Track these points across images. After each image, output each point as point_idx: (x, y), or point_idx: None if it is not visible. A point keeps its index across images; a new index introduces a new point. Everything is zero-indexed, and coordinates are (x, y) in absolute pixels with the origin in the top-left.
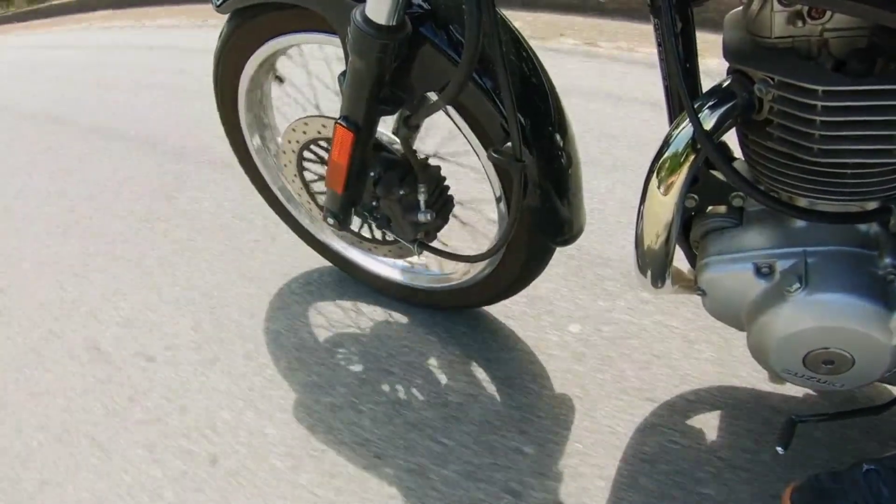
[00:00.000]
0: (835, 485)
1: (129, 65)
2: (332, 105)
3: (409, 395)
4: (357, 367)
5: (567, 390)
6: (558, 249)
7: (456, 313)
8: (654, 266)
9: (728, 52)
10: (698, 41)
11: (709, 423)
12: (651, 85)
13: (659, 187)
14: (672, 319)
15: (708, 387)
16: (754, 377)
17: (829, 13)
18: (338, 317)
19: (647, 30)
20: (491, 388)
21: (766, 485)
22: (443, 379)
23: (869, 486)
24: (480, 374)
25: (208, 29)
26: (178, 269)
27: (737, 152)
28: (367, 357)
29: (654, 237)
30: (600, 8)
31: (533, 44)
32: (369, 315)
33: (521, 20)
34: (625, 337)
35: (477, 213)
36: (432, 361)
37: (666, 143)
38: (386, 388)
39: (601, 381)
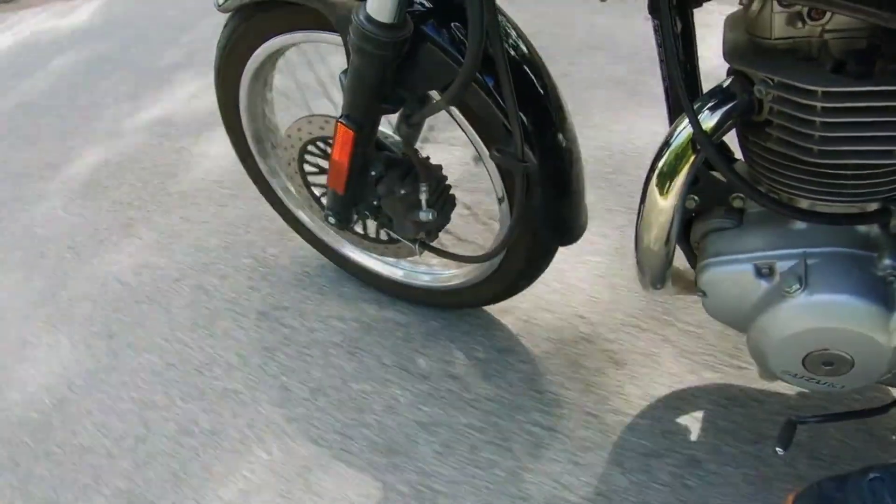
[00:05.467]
0: (838, 492)
1: None
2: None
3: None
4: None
5: None
6: None
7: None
8: (654, 267)
9: (728, 53)
10: None
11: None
12: None
13: (659, 188)
14: None
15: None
16: None
17: (828, 14)
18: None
19: None
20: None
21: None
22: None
23: (873, 494)
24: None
25: None
26: None
27: (737, 153)
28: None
29: (653, 238)
30: None
31: None
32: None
33: None
34: None
35: None
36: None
37: (666, 144)
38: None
39: None
